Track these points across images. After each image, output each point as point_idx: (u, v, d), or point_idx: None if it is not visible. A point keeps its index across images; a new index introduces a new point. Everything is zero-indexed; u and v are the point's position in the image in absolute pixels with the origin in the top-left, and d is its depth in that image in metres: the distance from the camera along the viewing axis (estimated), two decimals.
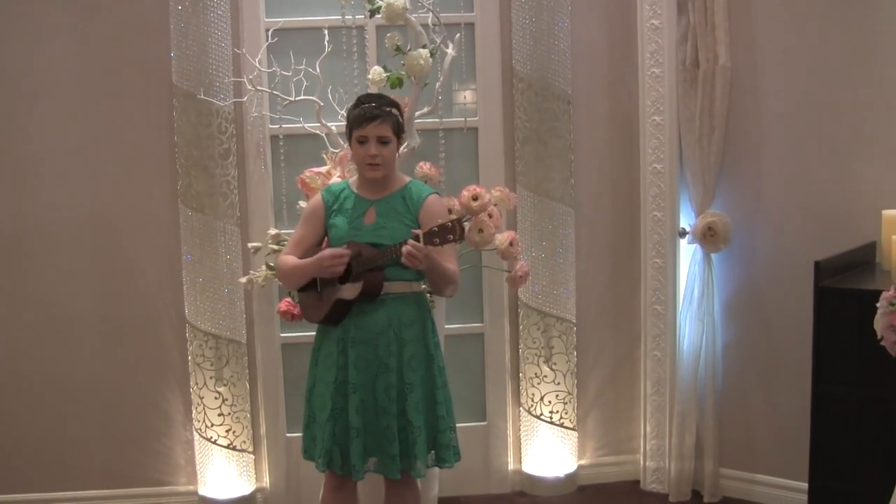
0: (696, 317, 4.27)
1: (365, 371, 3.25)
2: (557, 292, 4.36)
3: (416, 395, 3.25)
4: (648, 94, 4.29)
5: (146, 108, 4.22)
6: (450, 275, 3.26)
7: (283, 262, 3.36)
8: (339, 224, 3.32)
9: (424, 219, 3.25)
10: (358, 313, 3.25)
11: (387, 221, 3.27)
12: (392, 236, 3.22)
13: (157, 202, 4.27)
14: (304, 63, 4.01)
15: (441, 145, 4.18)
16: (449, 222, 3.03)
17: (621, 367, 4.54)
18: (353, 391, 3.24)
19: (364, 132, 3.22)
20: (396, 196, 3.31)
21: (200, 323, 4.21)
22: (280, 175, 4.23)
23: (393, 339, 3.25)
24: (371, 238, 3.25)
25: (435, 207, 3.30)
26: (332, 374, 3.28)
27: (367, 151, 3.23)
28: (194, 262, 4.20)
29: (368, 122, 3.21)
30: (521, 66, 4.27)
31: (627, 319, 4.50)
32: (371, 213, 3.30)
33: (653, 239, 4.36)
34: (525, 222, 4.34)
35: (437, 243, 3.05)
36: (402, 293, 3.28)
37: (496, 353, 4.47)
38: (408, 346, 3.27)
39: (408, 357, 3.26)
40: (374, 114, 3.21)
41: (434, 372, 3.31)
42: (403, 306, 3.28)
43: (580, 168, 4.38)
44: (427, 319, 3.34)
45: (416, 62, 3.78)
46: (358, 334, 3.25)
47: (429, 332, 3.34)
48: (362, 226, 3.28)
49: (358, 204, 3.32)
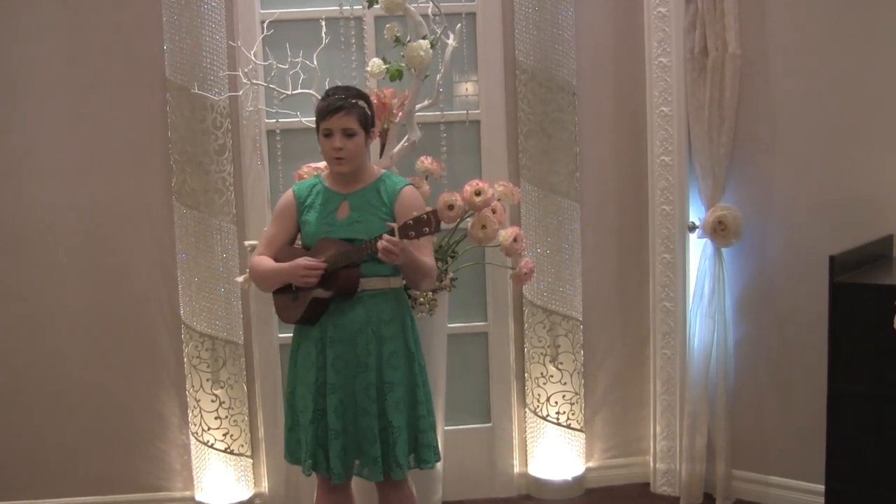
0: (706, 314, 4.25)
1: (344, 371, 3.24)
2: (563, 289, 4.36)
3: (396, 395, 3.25)
4: (656, 84, 4.28)
5: (138, 102, 4.21)
6: (427, 268, 3.25)
7: (256, 265, 3.36)
8: (312, 220, 3.32)
9: (400, 212, 3.25)
10: (335, 312, 3.25)
11: (361, 216, 3.26)
12: (367, 231, 3.21)
13: (150, 199, 4.26)
14: (301, 55, 4.00)
15: (442, 139, 4.18)
16: (424, 214, 3.01)
17: (630, 366, 4.53)
18: (331, 392, 3.23)
19: (329, 124, 3.21)
20: (370, 189, 3.31)
21: (196, 324, 4.21)
22: (277, 171, 4.21)
23: (372, 337, 3.24)
24: (345, 233, 3.25)
25: (410, 199, 3.29)
26: (312, 374, 3.28)
27: (331, 144, 3.22)
28: (189, 261, 4.20)
29: (332, 114, 3.20)
30: (524, 56, 4.27)
31: (636, 317, 4.49)
32: (344, 207, 3.29)
33: (661, 234, 4.35)
34: (529, 217, 4.34)
35: (413, 236, 3.04)
36: (380, 289, 3.27)
37: (500, 352, 4.47)
38: (387, 343, 3.26)
39: (387, 355, 3.26)
40: (338, 105, 3.20)
41: (415, 370, 3.31)
42: (382, 303, 3.27)
43: (586, 161, 4.38)
44: (406, 316, 3.34)
45: (416, 53, 3.77)
46: (336, 333, 3.25)
47: (408, 328, 3.33)
48: (335, 221, 3.28)
49: (330, 199, 3.32)
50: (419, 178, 3.94)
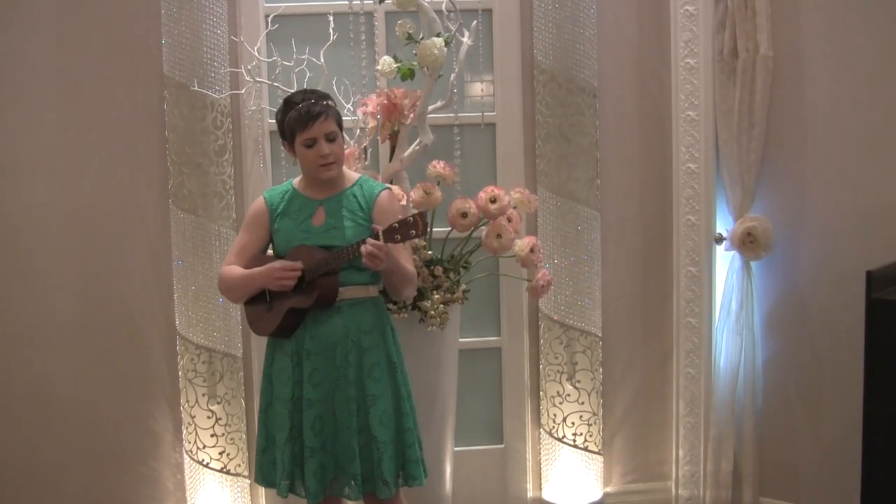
0: (733, 330, 4.26)
1: (321, 385, 3.26)
2: (582, 303, 4.36)
3: (379, 408, 3.26)
4: (682, 86, 4.26)
5: (134, 100, 4.21)
6: (409, 274, 3.28)
7: (226, 274, 3.37)
8: (285, 227, 3.34)
9: (378, 217, 3.27)
10: (312, 323, 3.27)
11: (338, 221, 3.28)
12: (345, 237, 3.24)
13: (145, 203, 4.26)
14: (307, 52, 4.01)
15: (456, 142, 4.17)
16: (410, 217, 3.03)
17: (651, 385, 4.53)
18: (308, 407, 3.24)
19: (311, 133, 3.23)
20: (346, 194, 3.34)
21: (192, 335, 4.21)
22: (280, 174, 4.20)
23: (351, 348, 3.26)
24: (322, 240, 3.27)
25: (388, 205, 3.33)
26: (288, 389, 3.29)
27: (318, 152, 3.24)
28: (186, 269, 4.19)
29: (313, 121, 3.22)
30: (542, 56, 4.26)
31: (658, 333, 4.48)
32: (320, 213, 3.31)
33: (686, 245, 4.33)
34: (547, 227, 4.33)
35: (399, 240, 3.05)
36: (359, 298, 3.30)
37: (514, 369, 4.47)
38: (368, 354, 3.28)
39: (368, 366, 3.27)
40: (316, 111, 3.23)
41: (398, 381, 3.33)
42: (361, 312, 3.29)
43: (607, 167, 4.38)
44: (387, 325, 3.36)
45: (430, 52, 3.78)
46: (313, 345, 3.26)
47: (389, 338, 3.35)
48: (311, 228, 3.30)
49: (305, 205, 3.34)
50: (431, 183, 3.93)
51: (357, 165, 3.92)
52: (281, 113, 3.32)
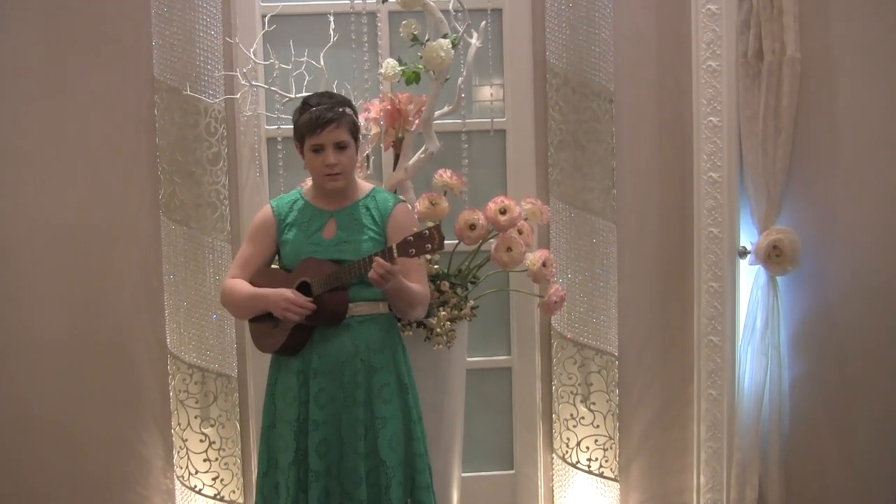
0: (758, 350, 4.25)
1: (329, 406, 3.26)
2: (597, 320, 4.35)
3: (388, 431, 3.26)
4: (704, 90, 4.24)
5: (123, 105, 4.21)
6: (416, 296, 3.27)
7: (230, 290, 3.36)
8: (293, 239, 3.34)
9: (393, 232, 3.29)
10: (320, 340, 3.27)
11: (349, 235, 3.29)
12: (356, 251, 3.24)
13: (135, 214, 4.25)
14: (307, 55, 4.02)
15: (463, 150, 4.15)
16: (426, 230, 3.02)
17: (671, 407, 4.50)
18: (313, 429, 3.24)
19: (318, 139, 3.23)
20: (359, 206, 3.34)
21: (184, 353, 4.21)
22: (278, 183, 4.19)
23: (361, 367, 3.26)
24: (332, 254, 3.26)
25: (404, 219, 3.35)
26: (293, 410, 3.28)
27: (324, 161, 3.24)
28: (178, 283, 4.19)
29: (322, 128, 3.22)
30: (555, 58, 4.26)
31: (678, 352, 4.45)
32: (331, 225, 3.32)
33: (708, 259, 4.29)
34: (560, 239, 4.33)
35: (413, 254, 3.04)
36: (369, 315, 3.30)
37: (525, 390, 4.45)
38: (378, 374, 3.28)
39: (378, 387, 3.27)
40: (328, 117, 3.22)
41: (409, 403, 3.33)
42: (371, 329, 3.30)
43: (624, 177, 4.36)
44: (398, 344, 3.37)
45: (436, 54, 3.75)
46: (320, 364, 3.26)
47: (401, 358, 3.35)
48: (321, 240, 3.30)
49: (315, 216, 3.34)
50: (437, 193, 3.91)
51: (359, 174, 3.87)
52: (297, 113, 3.32)
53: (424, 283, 3.34)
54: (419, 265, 3.31)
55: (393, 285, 3.12)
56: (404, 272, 3.19)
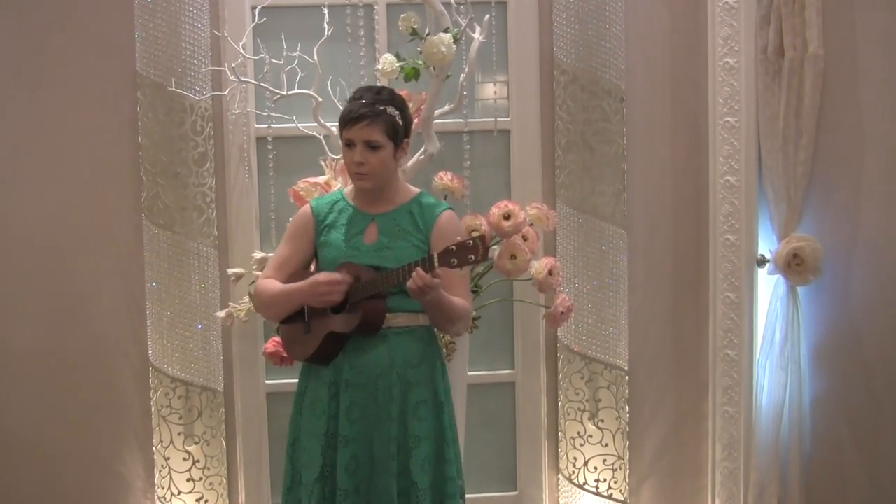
0: (777, 365, 4.23)
1: (360, 421, 3.24)
2: (606, 333, 4.35)
3: (422, 451, 3.24)
4: (721, 89, 4.23)
5: (104, 102, 4.19)
6: (458, 311, 3.25)
7: (263, 288, 3.35)
8: (332, 241, 3.32)
9: (438, 240, 3.26)
10: (353, 350, 3.25)
11: (391, 241, 3.28)
12: (397, 258, 3.23)
13: (115, 217, 4.24)
14: (299, 49, 4.00)
15: (465, 151, 4.17)
16: (470, 240, 3.01)
17: (684, 425, 4.49)
18: (343, 444, 3.22)
19: (349, 135, 3.25)
20: (402, 211, 3.34)
21: (167, 366, 4.19)
22: (268, 186, 4.21)
23: (396, 381, 3.24)
24: (372, 260, 3.25)
25: (451, 227, 3.32)
26: (322, 423, 3.26)
27: (352, 157, 3.26)
28: (161, 292, 4.18)
29: (354, 123, 3.23)
30: (563, 54, 4.25)
31: (692, 367, 4.45)
32: (372, 230, 3.32)
33: (724, 268, 4.29)
34: (567, 246, 4.31)
35: (455, 265, 3.02)
36: (408, 326, 3.29)
37: (530, 406, 4.44)
38: (414, 390, 3.26)
39: (414, 404, 3.25)
40: (361, 113, 3.23)
41: (444, 423, 3.31)
42: (409, 342, 3.28)
43: (635, 180, 4.36)
44: (437, 359, 3.36)
45: (437, 49, 3.72)
46: (353, 376, 3.24)
47: (438, 374, 3.34)
48: (361, 245, 3.29)
49: (356, 218, 3.34)
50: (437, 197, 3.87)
51: None
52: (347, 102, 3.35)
53: (468, 297, 3.33)
54: (462, 277, 3.29)
55: (432, 297, 3.10)
56: (446, 284, 3.15)
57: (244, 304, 4.00)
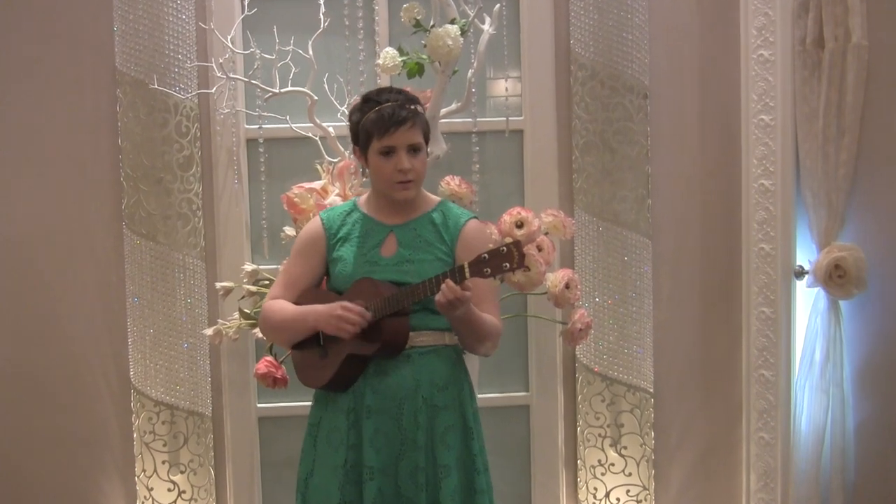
0: (817, 386, 4.19)
1: (385, 450, 3.19)
2: (629, 351, 4.32)
3: (452, 481, 3.20)
4: (754, 84, 4.20)
5: (79, 101, 4.19)
6: (488, 328, 3.20)
7: (272, 312, 3.30)
8: (347, 256, 3.28)
9: (463, 252, 3.24)
10: (375, 374, 3.21)
11: (413, 253, 3.24)
12: (420, 272, 3.18)
13: (93, 226, 4.24)
14: (293, 43, 3.97)
15: (474, 153, 4.11)
16: (503, 246, 2.94)
17: (715, 452, 4.46)
18: (369, 477, 3.17)
19: (391, 141, 3.17)
20: (424, 221, 3.30)
21: (150, 389, 4.19)
22: (259, 192, 4.21)
23: (422, 406, 3.20)
24: (392, 275, 3.21)
25: (479, 238, 3.29)
26: (341, 455, 3.21)
27: (396, 165, 3.19)
28: (143, 307, 4.18)
29: (397, 127, 3.17)
30: (581, 47, 4.23)
31: (724, 389, 4.42)
32: (390, 242, 3.27)
33: (759, 280, 4.26)
34: (586, 257, 4.30)
35: (489, 274, 2.96)
36: (433, 346, 3.25)
37: (546, 432, 4.42)
38: (441, 415, 3.22)
39: (441, 430, 3.21)
40: (403, 116, 3.18)
41: (474, 451, 3.27)
42: (435, 363, 3.24)
43: (660, 184, 4.34)
44: (465, 381, 3.33)
45: (442, 42, 3.69)
46: (376, 401, 3.20)
47: (467, 397, 3.31)
48: (379, 259, 3.25)
49: (372, 230, 3.30)
50: None
51: (353, 182, 3.85)
52: (357, 112, 3.26)
53: (497, 313, 3.28)
54: (493, 291, 3.25)
55: (462, 313, 3.04)
56: (476, 298, 3.10)
57: (234, 320, 3.98)
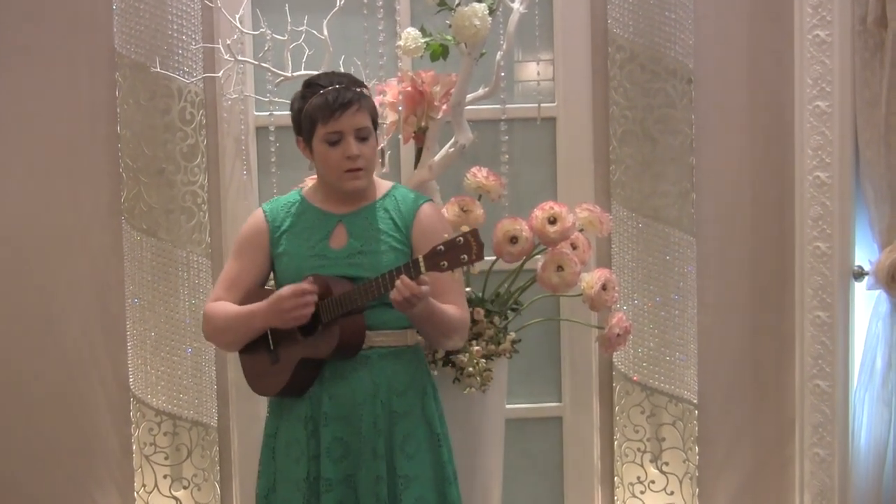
0: (878, 398, 4.16)
1: (343, 460, 3.17)
2: (671, 359, 4.29)
3: (413, 493, 3.17)
4: (809, 68, 4.14)
5: (75, 85, 4.18)
6: (453, 322, 3.18)
7: (213, 312, 3.29)
8: (293, 250, 3.26)
9: (420, 239, 3.22)
10: (331, 377, 3.19)
11: (365, 244, 3.21)
12: (374, 265, 3.16)
13: (90, 221, 4.23)
14: (306, 23, 3.95)
15: (503, 143, 4.07)
16: (460, 236, 2.92)
17: (765, 470, 4.41)
18: (326, 489, 3.15)
19: (338, 125, 3.16)
20: (375, 208, 3.28)
21: (151, 397, 4.18)
22: (270, 183, 4.15)
23: (381, 412, 3.19)
24: (343, 269, 3.18)
25: (433, 222, 3.27)
26: (302, 468, 3.18)
27: (344, 152, 3.17)
28: (144, 309, 4.17)
29: (342, 111, 3.15)
30: (619, 27, 4.20)
31: (775, 400, 4.38)
32: (340, 232, 3.25)
33: (814, 282, 4.21)
34: (624, 256, 4.27)
35: (446, 267, 2.93)
36: (392, 346, 3.23)
37: (580, 446, 4.40)
38: (401, 422, 3.20)
39: (401, 439, 3.19)
40: (349, 98, 3.17)
41: (443, 458, 3.24)
42: (394, 365, 3.22)
43: (705, 177, 4.31)
44: (426, 383, 3.29)
45: (469, 22, 3.63)
46: (333, 408, 3.17)
47: (430, 400, 3.27)
48: (329, 251, 3.23)
49: (318, 221, 3.28)
50: (470, 197, 3.85)
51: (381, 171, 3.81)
52: (298, 99, 3.24)
53: (463, 304, 3.24)
54: (455, 280, 3.16)
55: (422, 309, 3.01)
56: (436, 291, 3.05)
57: None
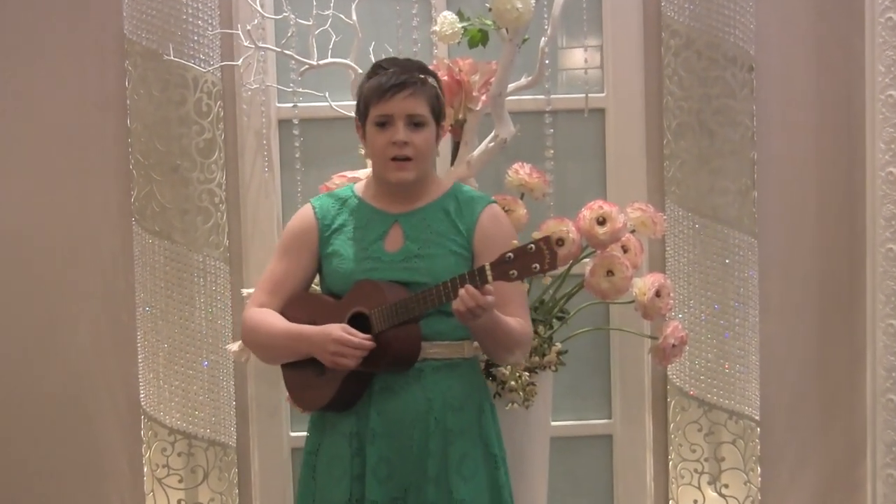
0: None
1: (390, 481, 3.10)
2: (731, 372, 4.22)
3: None
4: (881, 54, 4.10)
5: (82, 74, 4.16)
6: (516, 336, 3.09)
7: (256, 323, 3.22)
8: (343, 252, 3.18)
9: (482, 245, 3.14)
10: (381, 391, 3.12)
11: (423, 247, 3.13)
12: (432, 270, 3.09)
13: (98, 223, 4.21)
14: (332, 7, 3.89)
15: (547, 136, 4.06)
16: (531, 244, 2.82)
17: (834, 492, 4.38)
18: None
19: (387, 108, 3.09)
20: (434, 208, 3.19)
21: (164, 415, 4.15)
22: (294, 182, 4.14)
23: (435, 430, 3.11)
24: (398, 273, 3.11)
25: (498, 227, 3.19)
26: (344, 488, 3.11)
27: (390, 137, 3.09)
28: (156, 318, 4.13)
29: (393, 93, 3.08)
30: (674, 11, 4.15)
31: (844, 417, 4.34)
32: (395, 234, 3.17)
33: (887, 288, 4.17)
34: (680, 260, 4.22)
35: (515, 277, 2.84)
36: (448, 359, 3.15)
37: (632, 466, 4.36)
38: (457, 441, 3.12)
39: (457, 459, 3.11)
40: (401, 80, 3.09)
41: (500, 481, 3.16)
42: (449, 380, 3.14)
43: (768, 174, 4.25)
44: (484, 400, 3.22)
45: (511, 6, 3.58)
46: (381, 425, 3.11)
47: (488, 419, 3.20)
48: (383, 254, 3.15)
49: (372, 220, 3.20)
50: (511, 196, 3.81)
51: None
52: (364, 80, 3.21)
53: (526, 316, 3.16)
54: (520, 292, 3.13)
55: (485, 321, 2.92)
56: (500, 301, 2.96)
57: None
